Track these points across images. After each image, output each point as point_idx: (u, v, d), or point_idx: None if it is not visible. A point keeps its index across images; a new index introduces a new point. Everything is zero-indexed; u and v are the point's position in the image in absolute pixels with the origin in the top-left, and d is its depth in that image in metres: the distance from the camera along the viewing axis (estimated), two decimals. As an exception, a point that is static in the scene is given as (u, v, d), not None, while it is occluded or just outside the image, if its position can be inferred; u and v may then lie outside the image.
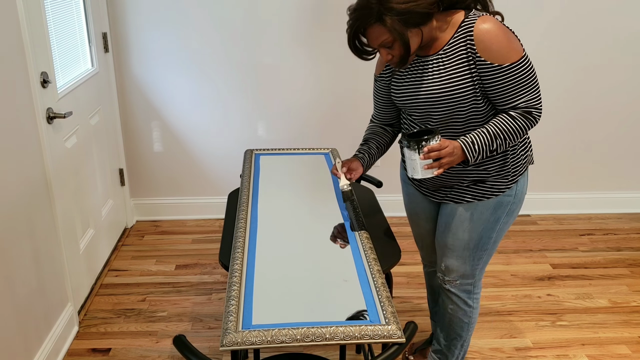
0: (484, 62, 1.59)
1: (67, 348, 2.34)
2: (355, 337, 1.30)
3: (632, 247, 3.18)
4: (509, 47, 1.58)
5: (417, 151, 1.61)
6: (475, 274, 1.91)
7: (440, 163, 1.61)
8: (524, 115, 1.64)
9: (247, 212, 1.89)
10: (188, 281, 2.83)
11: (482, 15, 1.61)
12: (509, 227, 1.87)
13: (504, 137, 1.65)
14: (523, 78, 1.61)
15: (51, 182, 2.23)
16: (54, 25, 2.38)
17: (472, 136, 1.65)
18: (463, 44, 1.61)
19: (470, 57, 1.61)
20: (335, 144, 3.32)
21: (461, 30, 1.61)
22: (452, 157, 1.62)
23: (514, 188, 1.79)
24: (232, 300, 1.39)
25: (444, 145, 1.61)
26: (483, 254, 1.87)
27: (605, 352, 2.36)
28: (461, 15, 1.63)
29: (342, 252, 1.66)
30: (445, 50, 1.64)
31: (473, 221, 1.81)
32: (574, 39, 3.18)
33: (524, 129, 1.66)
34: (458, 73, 1.63)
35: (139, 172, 3.36)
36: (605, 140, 3.43)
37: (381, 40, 1.59)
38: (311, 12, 3.05)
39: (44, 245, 2.18)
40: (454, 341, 2.03)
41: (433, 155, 1.60)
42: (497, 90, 1.63)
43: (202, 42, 3.08)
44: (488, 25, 1.58)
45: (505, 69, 1.59)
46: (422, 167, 1.62)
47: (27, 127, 2.06)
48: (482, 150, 1.65)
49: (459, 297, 1.95)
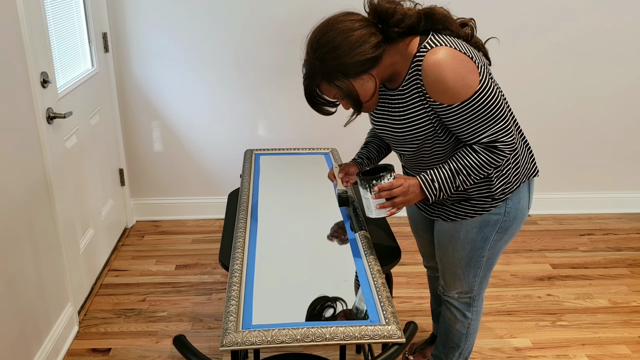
0: (434, 102, 1.52)
1: (67, 348, 2.34)
2: (355, 337, 1.30)
3: (632, 247, 3.18)
4: (457, 85, 1.46)
5: (369, 190, 1.55)
6: (473, 290, 1.87)
7: (392, 202, 1.56)
8: (488, 149, 1.56)
9: (247, 212, 1.89)
10: (188, 281, 2.83)
11: (433, 47, 1.48)
12: (505, 244, 1.80)
13: (467, 173, 1.58)
14: (479, 114, 1.50)
15: (51, 182, 2.23)
16: (54, 25, 2.38)
17: (432, 172, 1.59)
18: (414, 82, 1.53)
19: (422, 96, 1.53)
20: (335, 144, 3.32)
21: (413, 65, 1.52)
22: (406, 196, 1.57)
23: (502, 206, 1.70)
24: (232, 300, 1.39)
25: (396, 185, 1.55)
26: (478, 271, 1.82)
27: (605, 352, 2.36)
28: (415, 44, 1.52)
29: (342, 252, 1.66)
30: (404, 86, 1.56)
31: (460, 240, 1.76)
32: (575, 39, 3.18)
33: (489, 163, 1.57)
34: (415, 111, 1.57)
35: (139, 172, 3.36)
36: (606, 141, 3.43)
37: (332, 95, 1.58)
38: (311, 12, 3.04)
39: (44, 245, 2.18)
40: (451, 350, 2.01)
41: (384, 195, 1.55)
42: (456, 127, 1.54)
43: (202, 41, 3.08)
44: (435, 60, 1.47)
45: (456, 108, 1.50)
46: (375, 207, 1.57)
47: (27, 127, 2.06)
48: (443, 188, 1.59)
49: (457, 309, 1.92)
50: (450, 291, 1.90)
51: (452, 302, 1.93)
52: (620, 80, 3.28)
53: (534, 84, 3.25)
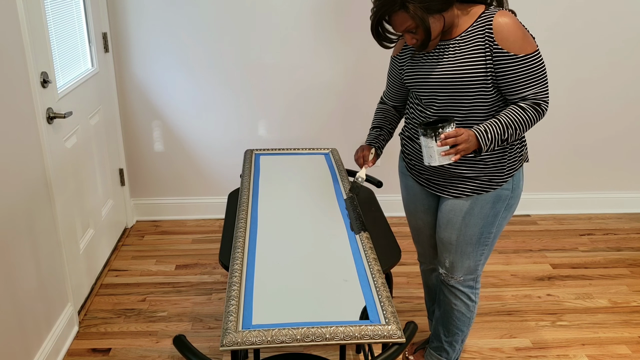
0: (500, 50, 1.66)
1: (67, 348, 2.34)
2: (355, 337, 1.30)
3: (632, 247, 3.18)
4: (525, 40, 1.65)
5: (434, 138, 1.64)
6: (477, 269, 1.96)
7: (456, 149, 1.64)
8: (533, 107, 1.70)
9: (247, 212, 1.89)
10: (188, 281, 2.83)
11: (501, 10, 1.69)
12: (507, 222, 1.92)
13: (515, 127, 1.69)
14: (534, 70, 1.67)
15: (51, 182, 2.23)
16: (54, 25, 2.38)
17: (485, 125, 1.68)
18: (481, 33, 1.68)
19: (487, 45, 1.67)
20: (335, 144, 3.32)
21: (480, 20, 1.69)
22: (467, 143, 1.65)
23: (510, 182, 1.84)
24: (232, 300, 1.39)
25: (460, 132, 1.64)
26: (485, 249, 1.92)
27: (605, 352, 2.36)
28: (481, 8, 1.72)
29: (342, 252, 1.66)
30: (463, 36, 1.71)
31: (474, 215, 1.86)
32: (575, 38, 3.18)
33: (533, 120, 1.71)
34: (472, 59, 1.69)
35: (139, 172, 3.36)
36: (605, 141, 3.43)
37: (405, 26, 1.66)
38: (312, 12, 3.05)
39: (44, 245, 2.18)
40: (455, 336, 2.07)
41: (450, 142, 1.63)
42: (510, 79, 1.68)
43: (202, 41, 3.08)
44: (507, 18, 1.66)
45: (521, 58, 1.65)
46: (439, 154, 1.65)
47: (27, 127, 2.06)
48: (494, 140, 1.68)
49: (463, 293, 2.00)
50: (456, 272, 1.96)
51: (456, 287, 1.99)
52: (620, 80, 3.28)
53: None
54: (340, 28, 3.08)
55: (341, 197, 2.01)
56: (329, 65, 3.17)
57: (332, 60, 3.16)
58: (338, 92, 3.23)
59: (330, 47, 3.13)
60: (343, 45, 3.13)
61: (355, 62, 3.16)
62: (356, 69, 3.16)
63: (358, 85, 3.20)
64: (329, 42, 3.11)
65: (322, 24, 3.07)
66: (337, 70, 3.18)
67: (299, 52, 3.14)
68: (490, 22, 1.67)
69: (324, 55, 3.14)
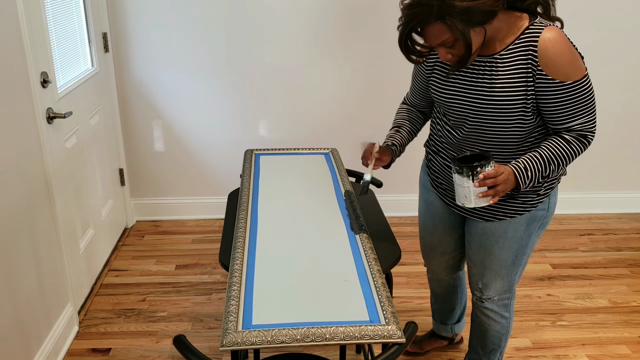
0: (544, 77, 1.49)
1: (67, 348, 2.34)
2: (355, 337, 1.30)
3: (632, 247, 3.18)
4: (573, 64, 1.48)
5: (471, 178, 1.48)
6: (512, 288, 1.88)
7: (495, 191, 1.50)
8: (578, 139, 1.54)
9: (247, 212, 1.89)
10: (188, 281, 2.83)
11: (549, 25, 1.50)
12: (539, 238, 1.81)
13: (557, 163, 1.55)
14: (583, 98, 1.51)
15: (51, 182, 2.23)
16: (54, 25, 2.38)
17: (524, 161, 1.54)
18: (524, 52, 1.50)
19: (529, 67, 1.50)
20: (335, 144, 3.32)
21: (525, 37, 1.51)
22: (507, 184, 1.51)
23: (546, 202, 1.71)
24: (232, 300, 1.39)
25: (500, 172, 1.49)
26: (519, 269, 1.83)
27: (605, 352, 2.36)
28: (526, 21, 1.52)
29: (342, 252, 1.66)
30: (503, 54, 1.53)
31: (508, 239, 1.75)
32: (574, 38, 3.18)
33: (576, 154, 1.55)
34: (513, 81, 1.53)
35: (139, 172, 3.36)
36: (605, 141, 3.43)
37: (442, 39, 1.46)
38: (313, 12, 3.05)
39: (44, 245, 2.18)
40: (493, 352, 2.01)
41: (489, 183, 1.48)
42: (554, 108, 1.52)
43: (202, 41, 3.08)
44: (555, 37, 1.48)
45: (568, 86, 1.49)
46: (476, 195, 1.50)
47: (27, 127, 2.06)
48: (534, 177, 1.54)
49: (497, 313, 1.91)
50: (490, 293, 1.87)
51: (490, 308, 1.90)
52: (620, 80, 3.28)
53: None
54: (341, 28, 3.08)
55: (341, 197, 2.01)
56: (329, 65, 3.17)
57: (333, 60, 3.16)
58: (338, 92, 3.23)
59: (331, 47, 3.12)
60: (344, 45, 3.13)
61: (356, 62, 3.16)
62: (357, 69, 3.16)
63: (358, 85, 3.20)
64: (330, 41, 3.11)
65: (322, 24, 3.07)
66: (338, 70, 3.18)
67: (299, 52, 3.14)
68: (536, 41, 1.48)
69: (325, 55, 3.14)
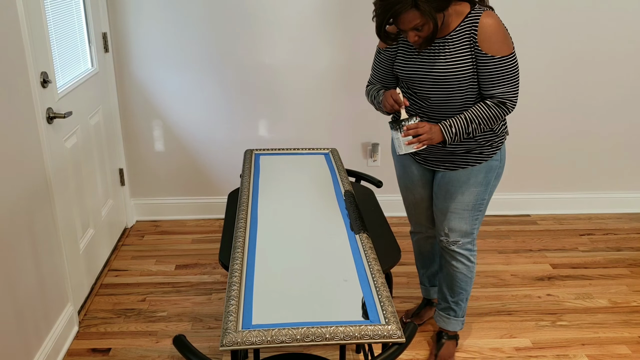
0: (480, 52, 1.82)
1: (67, 348, 2.34)
2: (355, 337, 1.30)
3: (632, 247, 3.18)
4: (503, 43, 1.82)
5: (399, 130, 1.88)
6: (473, 232, 2.15)
7: (419, 139, 1.86)
8: (498, 105, 1.89)
9: (247, 212, 1.89)
10: (188, 281, 2.83)
11: (487, 11, 1.83)
12: (495, 189, 2.12)
13: (478, 122, 1.89)
14: (507, 71, 1.84)
15: (51, 182, 2.23)
16: (54, 25, 2.38)
17: (450, 120, 1.90)
18: (468, 32, 1.83)
19: (471, 44, 1.83)
20: (335, 144, 3.32)
21: (468, 19, 1.82)
22: (430, 134, 1.87)
23: (499, 154, 2.04)
24: (232, 300, 1.39)
25: (421, 125, 1.86)
26: (479, 214, 2.12)
27: (605, 352, 2.36)
28: (467, 7, 1.84)
29: (342, 252, 1.66)
30: (452, 35, 1.85)
31: (469, 185, 2.05)
32: (574, 37, 3.18)
33: (497, 117, 1.90)
34: (461, 57, 1.84)
35: (139, 172, 3.36)
36: (605, 141, 3.43)
37: (413, 24, 1.73)
38: (312, 12, 3.05)
39: (44, 245, 2.18)
40: (460, 296, 2.24)
41: (411, 133, 1.86)
42: (484, 77, 1.86)
43: (202, 42, 3.08)
44: (491, 20, 1.81)
45: (495, 60, 1.82)
46: (404, 144, 1.88)
47: (27, 127, 2.06)
48: (458, 133, 1.89)
49: (463, 255, 2.17)
50: (455, 236, 2.13)
51: (456, 250, 2.16)
52: (620, 80, 3.28)
53: (533, 83, 3.25)
54: (342, 28, 3.08)
55: (341, 197, 2.01)
56: (329, 65, 3.17)
57: (333, 60, 3.16)
58: (338, 92, 3.23)
59: (331, 47, 3.12)
60: (344, 45, 3.13)
61: (356, 62, 3.16)
62: (357, 69, 3.16)
63: (359, 85, 3.20)
64: (330, 41, 3.11)
65: (322, 24, 3.07)
66: (338, 70, 3.18)
67: (299, 52, 3.14)
68: (477, 23, 1.81)
69: (325, 55, 3.14)
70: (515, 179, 3.47)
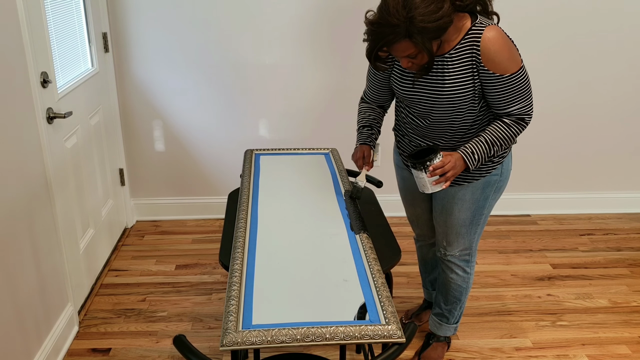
0: (486, 71, 1.72)
1: (67, 348, 2.34)
2: (355, 337, 1.30)
3: (632, 247, 3.18)
4: (510, 60, 1.70)
5: (424, 171, 1.76)
6: (472, 246, 2.11)
7: (446, 177, 1.77)
8: (517, 123, 1.80)
9: (247, 212, 1.89)
10: (188, 281, 2.83)
11: (489, 25, 1.71)
12: (496, 202, 2.05)
13: (500, 144, 1.81)
14: (519, 87, 1.75)
15: (51, 182, 2.23)
16: (54, 25, 2.38)
17: (471, 146, 1.80)
18: (469, 51, 1.72)
19: (474, 63, 1.72)
20: (335, 144, 3.32)
21: (468, 36, 1.71)
22: (455, 169, 1.77)
23: (499, 168, 1.96)
24: (232, 300, 1.39)
25: (446, 161, 1.76)
26: (477, 228, 2.07)
27: (605, 352, 2.36)
28: (467, 21, 1.73)
29: (342, 252, 1.66)
30: (452, 53, 1.74)
31: (466, 201, 1.99)
32: (574, 37, 3.18)
33: (516, 134, 1.81)
34: (461, 76, 1.75)
35: (139, 172, 3.36)
36: (605, 141, 3.43)
37: (407, 53, 1.66)
38: (312, 13, 3.05)
39: (44, 245, 2.18)
40: (453, 304, 2.24)
41: (438, 172, 1.76)
42: (496, 97, 1.77)
43: (202, 41, 3.08)
44: (494, 37, 1.69)
45: (506, 78, 1.72)
46: (431, 184, 1.79)
47: (27, 127, 2.06)
48: (481, 158, 1.81)
49: (459, 267, 2.14)
50: (453, 250, 2.11)
51: (453, 262, 2.14)
52: (620, 80, 3.28)
53: (533, 83, 3.25)
54: (341, 28, 3.08)
55: (341, 197, 2.01)
56: (329, 65, 3.17)
57: (333, 60, 3.16)
58: (338, 92, 3.23)
59: (331, 47, 3.12)
60: (343, 45, 3.13)
61: (355, 62, 3.16)
62: (357, 69, 3.16)
63: (358, 85, 3.20)
64: (330, 42, 3.11)
65: (322, 24, 3.07)
66: (338, 70, 3.18)
67: (299, 52, 3.14)
68: (479, 41, 1.69)
69: (324, 55, 3.14)
70: (515, 179, 3.47)
